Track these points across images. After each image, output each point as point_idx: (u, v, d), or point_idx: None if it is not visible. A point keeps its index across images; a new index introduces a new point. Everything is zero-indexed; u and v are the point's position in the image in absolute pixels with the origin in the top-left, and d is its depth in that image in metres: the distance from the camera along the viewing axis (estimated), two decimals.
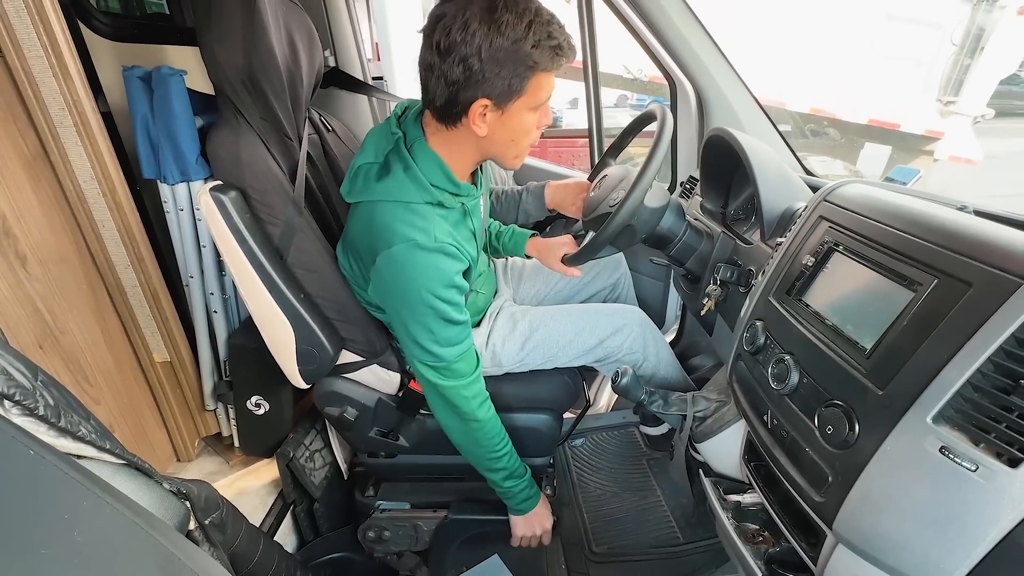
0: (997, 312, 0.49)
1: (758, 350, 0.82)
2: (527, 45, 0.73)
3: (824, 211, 0.79)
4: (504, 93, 0.76)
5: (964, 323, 0.52)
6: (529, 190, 1.35)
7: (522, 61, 0.74)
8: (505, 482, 1.06)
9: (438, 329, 0.90)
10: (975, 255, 0.53)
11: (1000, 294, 0.49)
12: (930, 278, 0.57)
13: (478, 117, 0.78)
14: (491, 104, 0.77)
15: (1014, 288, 0.49)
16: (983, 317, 0.50)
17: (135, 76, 0.91)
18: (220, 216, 0.89)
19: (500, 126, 0.81)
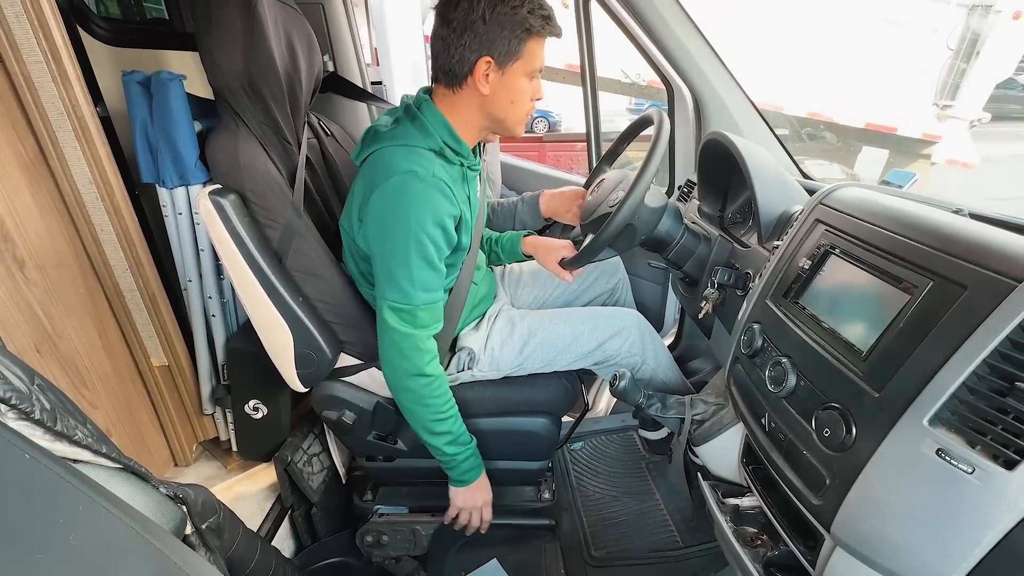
0: (992, 314, 0.49)
1: (755, 353, 0.82)
2: (523, 10, 0.86)
3: (820, 214, 0.79)
4: (504, 53, 0.88)
5: (960, 326, 0.52)
6: (524, 200, 1.37)
7: (520, 24, 0.86)
8: (448, 447, 1.01)
9: (416, 268, 0.90)
10: (970, 258, 0.54)
11: (995, 296, 0.50)
12: (925, 281, 0.57)
13: (482, 76, 0.89)
14: (493, 63, 0.89)
15: (1008, 290, 0.49)
16: (978, 319, 0.50)
17: (134, 81, 0.91)
18: (219, 220, 0.89)
19: (501, 86, 0.91)
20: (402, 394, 0.98)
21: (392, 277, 0.91)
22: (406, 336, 0.93)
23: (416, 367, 0.95)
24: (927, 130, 4.62)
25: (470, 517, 1.11)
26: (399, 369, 0.95)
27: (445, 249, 0.94)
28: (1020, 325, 0.47)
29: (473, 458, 1.06)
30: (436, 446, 1.02)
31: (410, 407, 0.99)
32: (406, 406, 0.99)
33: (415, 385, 0.96)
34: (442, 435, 1.01)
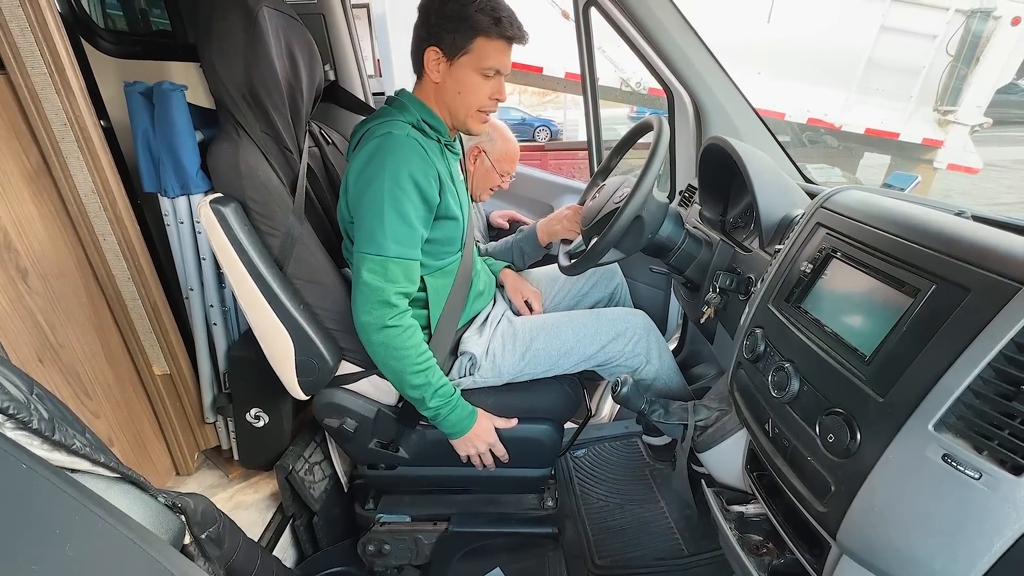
0: (996, 317, 0.49)
1: (758, 358, 0.82)
2: (471, 9, 0.92)
3: (821, 218, 0.79)
4: (451, 45, 0.95)
5: (963, 329, 0.51)
6: (522, 232, 1.45)
7: (465, 20, 0.93)
8: (432, 400, 1.00)
9: (389, 219, 0.92)
10: (973, 260, 0.53)
11: (998, 299, 0.49)
12: (928, 284, 0.56)
13: (431, 63, 0.97)
14: (442, 54, 0.96)
15: (1012, 293, 0.48)
16: (982, 322, 0.50)
17: (136, 92, 0.92)
18: (220, 228, 0.90)
19: (449, 76, 0.98)
20: (375, 349, 0.97)
21: (367, 229, 0.94)
22: (375, 289, 0.93)
23: (381, 320, 0.94)
24: (928, 135, 4.62)
25: (481, 460, 1.11)
26: (367, 324, 0.95)
27: (421, 207, 0.96)
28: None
29: (460, 409, 1.04)
30: (419, 399, 1.01)
31: (387, 362, 0.98)
32: (383, 361, 0.98)
33: (384, 337, 0.95)
34: (422, 387, 0.99)
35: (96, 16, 1.29)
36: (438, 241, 1.05)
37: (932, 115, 4.58)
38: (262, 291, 0.94)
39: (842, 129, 4.61)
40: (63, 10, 0.99)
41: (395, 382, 1.01)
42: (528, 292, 1.32)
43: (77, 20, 1.02)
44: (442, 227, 1.04)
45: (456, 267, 1.12)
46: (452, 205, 1.03)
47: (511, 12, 0.97)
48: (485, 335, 1.15)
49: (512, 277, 1.37)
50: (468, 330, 1.17)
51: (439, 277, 1.09)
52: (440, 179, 0.99)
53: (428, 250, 1.04)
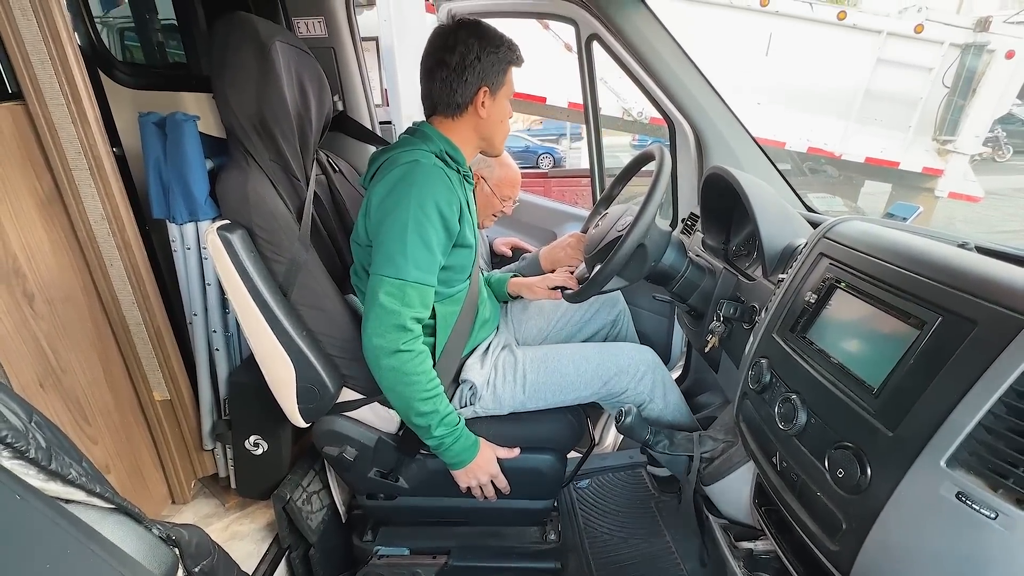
0: (1005, 351, 0.48)
1: (764, 388, 0.81)
2: (504, 48, 1.03)
3: (824, 248, 0.79)
4: (495, 83, 1.04)
5: (972, 363, 0.50)
6: (525, 259, 1.46)
7: (503, 59, 1.03)
8: (437, 429, 0.99)
9: (412, 244, 0.93)
10: (979, 293, 0.53)
11: (1007, 333, 0.49)
12: (934, 316, 0.56)
13: (480, 103, 1.04)
14: (488, 91, 1.03)
15: (1020, 326, 0.48)
16: (991, 356, 0.49)
17: (150, 122, 0.95)
18: (226, 254, 0.91)
19: (494, 110, 1.06)
20: (384, 374, 0.96)
21: (387, 252, 0.94)
22: (390, 312, 0.93)
23: (394, 344, 0.94)
24: (928, 164, 4.67)
25: (482, 492, 1.09)
26: (379, 348, 0.94)
27: (443, 235, 0.97)
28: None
29: (464, 439, 1.03)
30: (425, 427, 0.99)
31: (395, 387, 0.97)
32: (391, 387, 0.97)
33: (396, 362, 0.95)
34: (430, 415, 0.98)
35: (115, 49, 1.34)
36: (451, 268, 1.06)
37: (931, 144, 4.63)
38: (265, 317, 0.94)
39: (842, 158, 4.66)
40: (83, 43, 1.03)
41: (401, 408, 1.00)
42: (553, 280, 1.28)
43: (96, 53, 1.05)
44: (457, 255, 1.05)
45: (464, 295, 1.12)
46: (468, 233, 1.04)
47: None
48: (487, 365, 1.14)
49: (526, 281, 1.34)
50: (471, 358, 1.16)
51: (448, 304, 1.09)
52: (461, 208, 1.01)
53: (441, 277, 1.04)
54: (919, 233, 0.79)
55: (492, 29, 1.04)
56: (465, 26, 1.02)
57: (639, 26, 1.40)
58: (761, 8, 4.32)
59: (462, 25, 1.02)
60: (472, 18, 1.06)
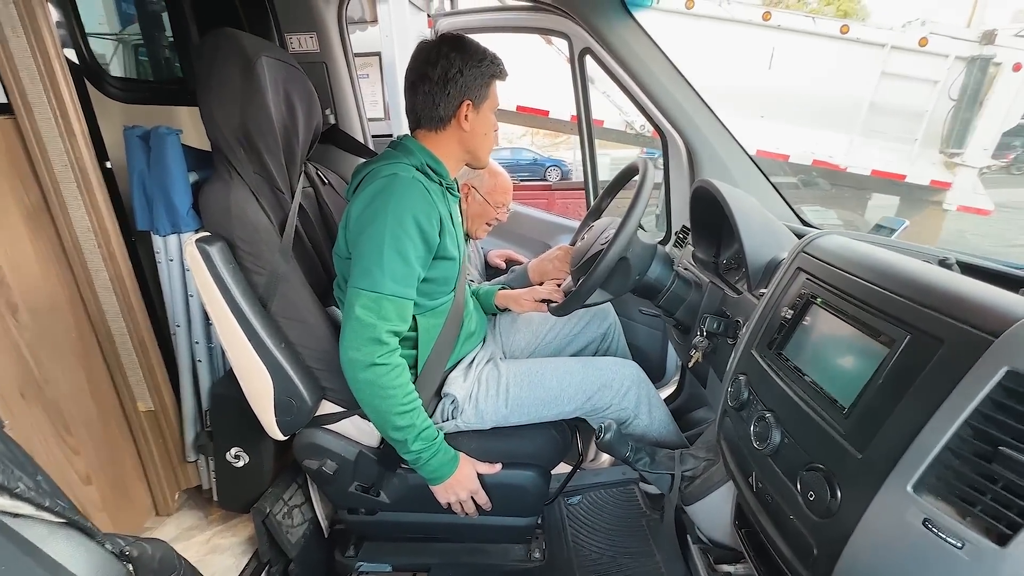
0: (970, 371, 0.46)
1: (742, 406, 0.79)
2: (487, 62, 1.03)
3: (802, 262, 0.78)
4: (478, 96, 1.04)
5: (938, 383, 0.49)
6: (514, 272, 1.46)
7: (485, 72, 1.03)
8: (414, 443, 0.98)
9: (389, 257, 0.93)
10: (945, 310, 0.51)
11: (972, 352, 0.47)
12: (903, 334, 0.54)
13: (463, 116, 1.04)
14: (472, 105, 1.03)
15: (985, 346, 0.46)
16: (956, 377, 0.47)
17: (135, 135, 0.96)
18: (204, 266, 0.91)
19: (477, 123, 1.06)
20: (361, 387, 0.96)
21: (364, 265, 0.94)
22: (367, 325, 0.93)
23: (370, 357, 0.93)
24: (936, 177, 4.62)
25: (462, 508, 1.08)
26: (354, 361, 0.94)
27: (421, 248, 0.97)
28: (1000, 384, 0.44)
29: (442, 454, 1.02)
30: (401, 441, 0.98)
31: (371, 401, 0.96)
32: (367, 401, 0.97)
33: (371, 375, 0.94)
34: (406, 429, 0.97)
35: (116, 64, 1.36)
36: (433, 281, 1.05)
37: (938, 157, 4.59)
38: (243, 329, 0.94)
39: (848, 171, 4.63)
40: (77, 59, 1.05)
41: (378, 422, 0.99)
42: (539, 292, 1.28)
43: (87, 68, 1.07)
44: (439, 267, 1.04)
45: (448, 307, 1.11)
46: (450, 246, 1.04)
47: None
48: (470, 378, 1.13)
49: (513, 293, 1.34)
50: (455, 371, 1.15)
51: (431, 317, 1.09)
52: (441, 221, 1.01)
53: (423, 290, 1.04)
54: (900, 248, 0.78)
55: (474, 43, 1.05)
56: (447, 41, 1.03)
57: (628, 41, 1.40)
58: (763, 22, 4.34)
59: (444, 40, 1.03)
60: (455, 33, 1.07)
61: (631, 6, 1.40)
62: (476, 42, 1.05)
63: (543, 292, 1.26)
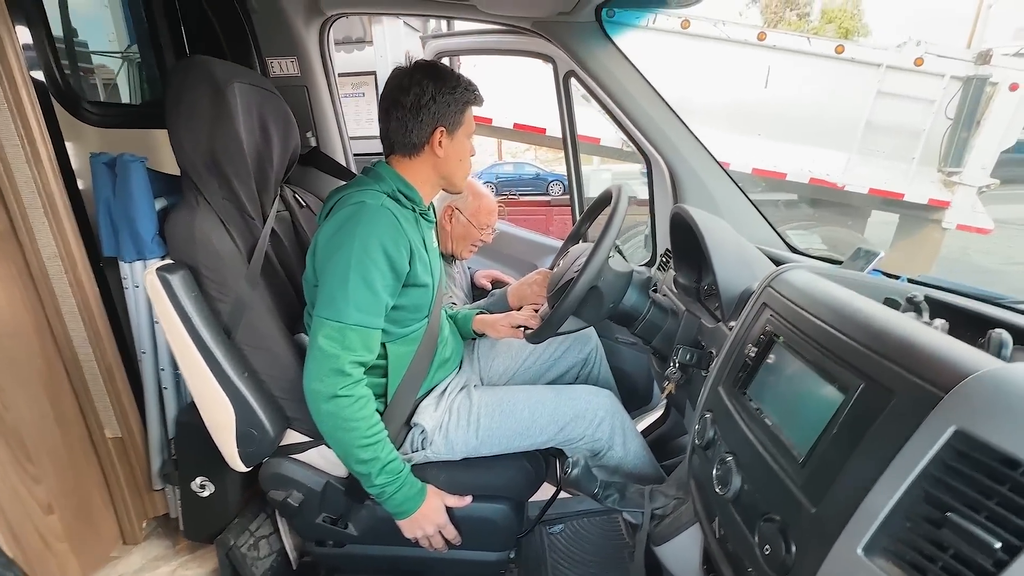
0: (920, 428, 0.44)
1: (708, 445, 0.76)
2: (460, 88, 1.03)
3: (767, 298, 0.76)
4: (452, 123, 1.03)
5: (888, 437, 0.46)
6: (494, 296, 1.44)
7: (459, 98, 1.03)
8: (378, 477, 0.95)
9: (354, 286, 0.92)
10: (899, 360, 0.49)
11: (922, 407, 0.45)
12: (857, 382, 0.52)
13: (437, 143, 1.03)
14: (445, 131, 1.03)
15: (936, 401, 0.44)
16: (907, 433, 0.45)
17: (100, 162, 0.96)
18: (165, 295, 0.90)
19: (451, 148, 1.06)
20: (323, 418, 0.94)
21: (328, 294, 0.93)
22: (330, 356, 0.91)
23: (332, 389, 0.92)
24: (934, 196, 4.59)
25: (429, 543, 1.05)
26: (317, 392, 0.92)
27: (389, 276, 0.95)
28: (948, 443, 0.42)
29: (408, 487, 0.99)
30: (365, 474, 0.96)
31: (334, 433, 0.95)
32: (330, 432, 0.95)
33: (334, 407, 0.92)
34: (370, 462, 0.95)
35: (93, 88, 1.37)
36: (404, 308, 1.04)
37: (936, 176, 4.56)
38: (204, 359, 0.92)
39: (845, 189, 4.62)
40: (49, 84, 1.05)
41: (341, 454, 0.97)
42: (516, 318, 1.25)
43: (61, 93, 1.07)
44: (410, 294, 1.03)
45: (421, 334, 1.10)
46: (421, 273, 1.02)
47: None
48: (441, 407, 1.11)
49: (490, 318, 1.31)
50: (427, 399, 1.13)
51: (402, 344, 1.07)
52: (411, 248, 0.99)
53: (393, 317, 1.03)
54: (868, 283, 0.76)
55: (448, 70, 1.04)
56: (421, 68, 1.02)
57: (608, 66, 1.40)
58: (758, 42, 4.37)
59: (418, 67, 1.03)
60: (429, 60, 1.07)
61: (610, 31, 1.40)
62: (450, 69, 1.05)
63: (519, 318, 1.24)
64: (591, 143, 4.65)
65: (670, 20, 4.39)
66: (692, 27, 4.42)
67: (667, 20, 4.39)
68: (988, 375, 0.42)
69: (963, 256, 7.45)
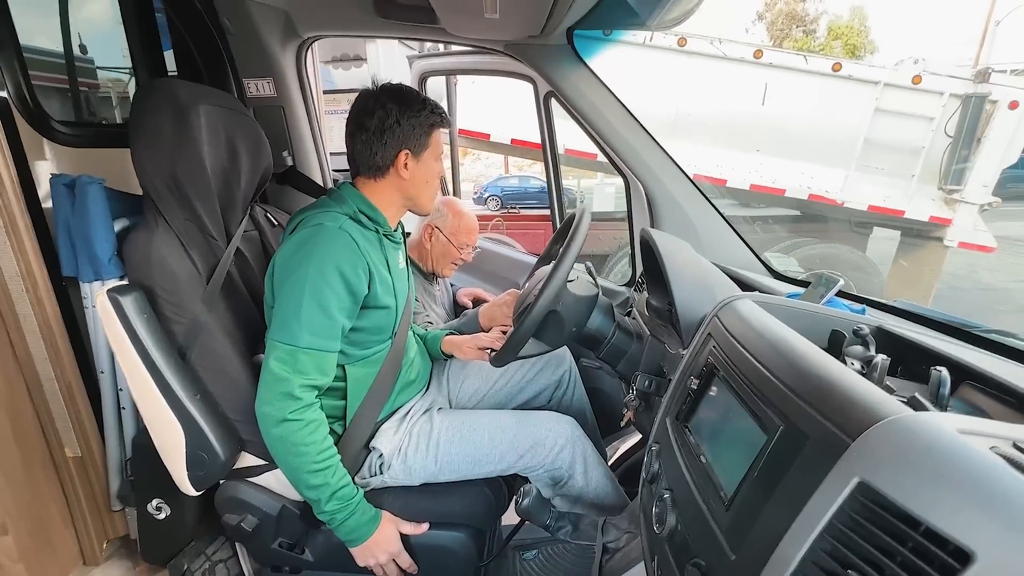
0: (828, 476, 0.42)
1: (653, 478, 0.74)
2: (426, 111, 1.03)
3: (713, 328, 0.74)
4: (417, 145, 1.03)
5: (800, 485, 0.45)
6: (466, 316, 1.43)
7: (424, 121, 1.03)
8: (328, 504, 0.94)
9: (308, 308, 0.91)
10: (814, 403, 0.47)
11: (831, 455, 0.43)
12: (778, 424, 0.50)
13: (402, 165, 1.03)
14: (410, 154, 1.03)
15: (843, 449, 0.42)
16: (816, 481, 0.43)
17: (61, 183, 0.97)
18: (116, 316, 0.89)
19: (417, 171, 1.06)
20: (273, 442, 0.93)
21: (282, 316, 0.92)
22: (280, 379, 0.90)
23: (282, 413, 0.91)
24: (935, 213, 4.55)
25: (383, 572, 1.02)
26: (267, 416, 0.92)
27: (346, 299, 0.95)
28: (852, 495, 0.40)
29: (360, 514, 0.97)
30: (315, 500, 0.95)
31: (284, 458, 0.94)
32: (280, 456, 0.94)
33: (283, 431, 0.91)
34: (320, 488, 0.93)
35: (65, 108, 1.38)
36: (365, 330, 1.03)
37: (937, 193, 4.52)
38: (155, 381, 0.92)
39: (845, 205, 4.59)
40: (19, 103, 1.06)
41: (292, 479, 0.96)
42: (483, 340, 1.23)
43: (32, 116, 1.09)
44: (370, 316, 1.02)
45: (383, 356, 1.09)
46: (382, 295, 1.02)
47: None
48: (401, 431, 1.09)
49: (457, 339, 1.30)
50: (387, 422, 1.12)
51: (363, 366, 1.06)
52: (371, 271, 0.99)
53: (354, 339, 1.02)
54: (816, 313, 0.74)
55: (414, 93, 1.04)
56: (386, 91, 1.03)
57: (582, 89, 1.41)
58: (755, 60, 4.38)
59: (383, 90, 1.03)
60: (395, 83, 1.07)
61: (584, 54, 1.41)
62: (416, 92, 1.05)
63: (485, 340, 1.23)
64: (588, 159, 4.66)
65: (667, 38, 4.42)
66: (689, 45, 4.45)
67: (664, 38, 4.42)
68: (892, 424, 0.40)
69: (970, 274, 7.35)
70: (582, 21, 1.32)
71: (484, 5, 1.01)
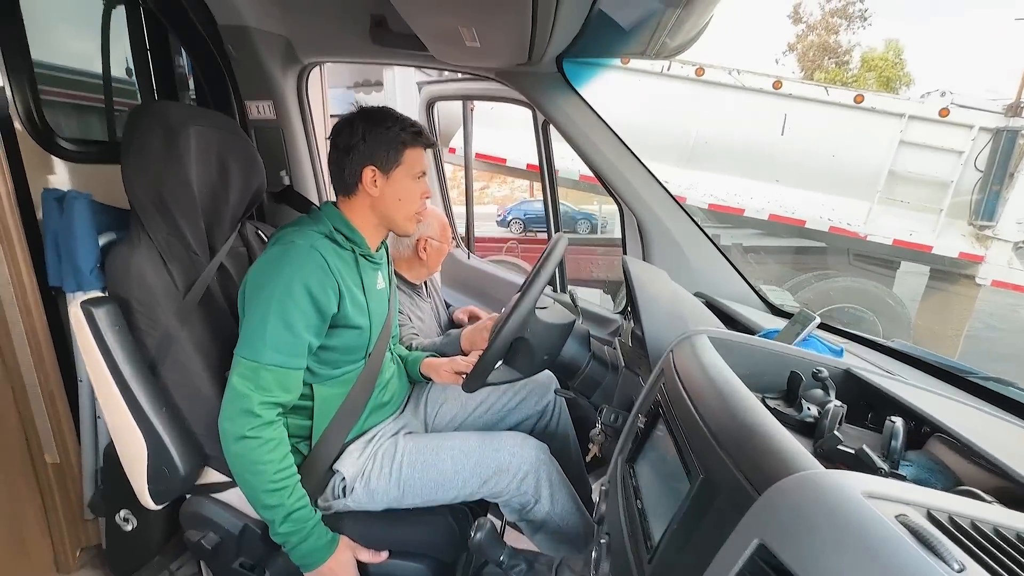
0: (733, 533, 0.39)
1: (600, 520, 0.71)
2: (396, 128, 1.03)
3: (665, 365, 0.71)
4: (385, 161, 1.03)
5: (709, 538, 0.41)
6: (449, 336, 1.42)
7: (394, 139, 1.03)
8: (282, 525, 0.92)
9: (272, 325, 0.91)
10: (732, 453, 0.44)
11: (738, 508, 0.40)
12: (699, 473, 0.47)
13: (370, 182, 1.03)
14: (378, 171, 1.03)
15: (749, 504, 0.39)
16: (722, 538, 0.40)
17: (52, 197, 1.01)
18: (87, 327, 0.92)
19: (387, 188, 1.05)
20: (232, 459, 0.93)
21: (247, 332, 0.93)
22: (241, 396, 0.90)
23: (240, 429, 0.90)
24: (965, 250, 4.36)
25: None
26: (227, 432, 0.91)
27: (314, 318, 0.95)
28: (752, 557, 0.37)
29: (314, 538, 0.95)
30: (270, 520, 0.94)
31: (242, 475, 0.93)
32: (238, 474, 0.93)
33: (241, 448, 0.91)
34: (275, 508, 0.92)
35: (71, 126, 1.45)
36: (335, 349, 1.03)
37: (967, 229, 4.35)
38: (121, 392, 0.93)
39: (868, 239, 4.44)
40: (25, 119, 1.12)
41: (249, 497, 0.95)
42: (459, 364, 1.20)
43: (38, 131, 1.15)
44: (341, 335, 1.02)
45: (355, 377, 1.08)
46: (353, 315, 1.02)
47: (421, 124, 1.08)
48: (366, 453, 1.07)
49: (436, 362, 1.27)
50: (353, 444, 1.10)
51: (332, 386, 1.05)
52: (341, 290, 0.99)
53: (324, 358, 1.02)
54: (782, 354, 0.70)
55: (387, 113, 1.05)
56: (360, 113, 1.05)
57: (571, 115, 1.41)
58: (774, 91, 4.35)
59: (358, 112, 1.05)
60: (373, 106, 1.08)
61: (577, 81, 1.42)
62: (390, 112, 1.06)
63: (462, 364, 1.21)
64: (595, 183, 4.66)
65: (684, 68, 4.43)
66: (707, 75, 4.45)
67: (681, 68, 4.43)
68: (795, 480, 0.37)
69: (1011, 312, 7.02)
70: (573, 49, 1.33)
71: (463, 35, 1.02)
